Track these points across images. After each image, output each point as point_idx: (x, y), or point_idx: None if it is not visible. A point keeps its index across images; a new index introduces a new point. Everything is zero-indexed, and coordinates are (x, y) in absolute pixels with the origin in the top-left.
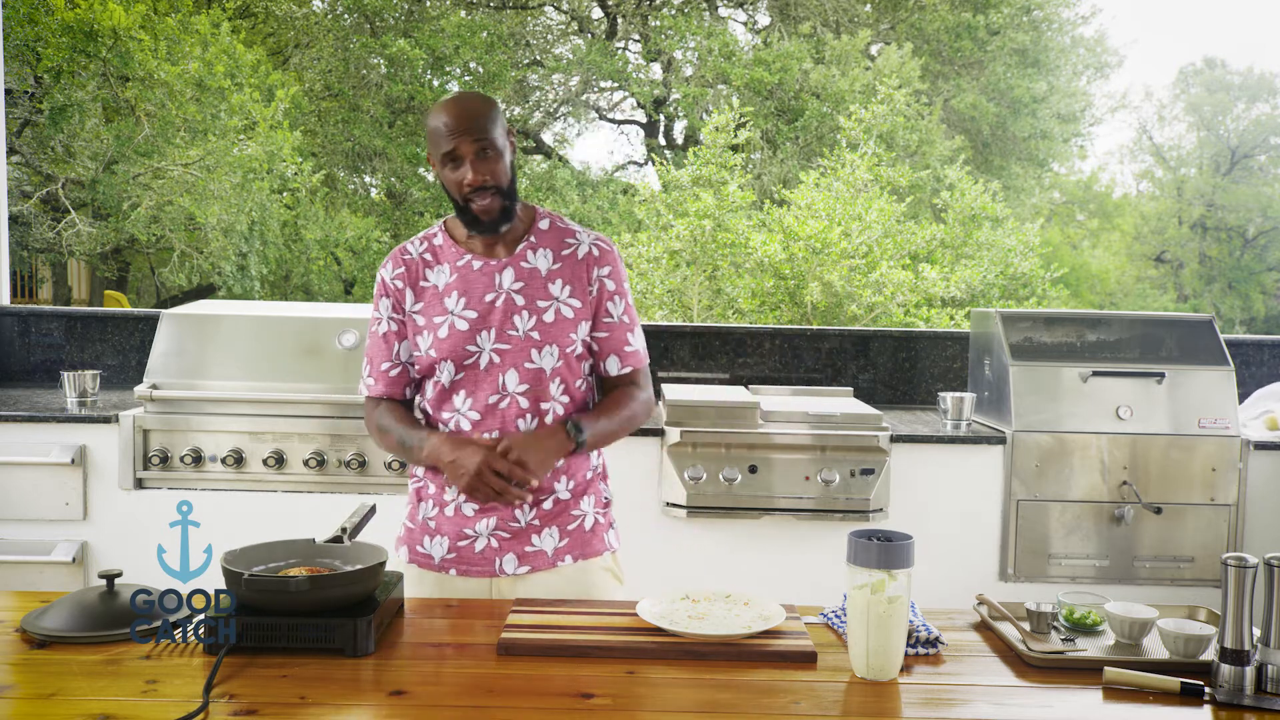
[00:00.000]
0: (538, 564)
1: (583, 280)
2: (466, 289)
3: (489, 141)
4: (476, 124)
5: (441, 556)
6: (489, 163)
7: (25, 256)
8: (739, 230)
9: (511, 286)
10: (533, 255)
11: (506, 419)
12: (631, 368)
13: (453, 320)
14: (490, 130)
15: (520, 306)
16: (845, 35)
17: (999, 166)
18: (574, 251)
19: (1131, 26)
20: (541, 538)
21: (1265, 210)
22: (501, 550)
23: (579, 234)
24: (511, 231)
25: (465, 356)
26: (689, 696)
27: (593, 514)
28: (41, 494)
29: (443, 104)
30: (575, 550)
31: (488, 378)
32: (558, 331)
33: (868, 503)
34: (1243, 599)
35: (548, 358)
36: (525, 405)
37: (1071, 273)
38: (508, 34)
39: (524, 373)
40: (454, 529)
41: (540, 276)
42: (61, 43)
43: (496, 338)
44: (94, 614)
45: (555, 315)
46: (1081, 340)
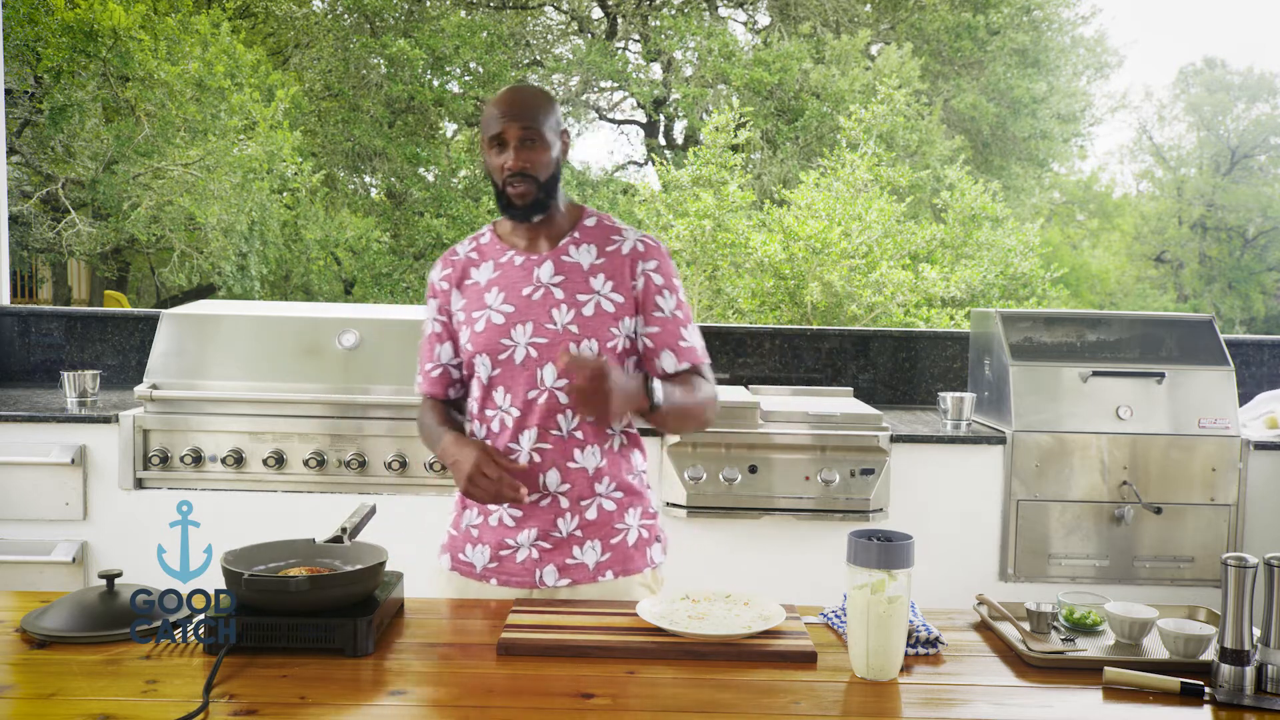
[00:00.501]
0: (578, 577)
1: (625, 275)
2: (506, 284)
3: (535, 131)
4: (526, 112)
5: (483, 565)
6: (531, 151)
7: (25, 256)
8: (739, 230)
9: (550, 280)
10: (575, 250)
11: (546, 415)
12: (689, 364)
13: (489, 314)
14: (539, 120)
15: (559, 300)
16: (845, 35)
17: (999, 166)
18: (618, 248)
19: (1131, 26)
20: (583, 550)
21: (1265, 210)
22: (542, 561)
23: (625, 231)
24: (555, 228)
25: (500, 350)
26: (689, 696)
27: (637, 528)
28: (41, 494)
29: (502, 92)
30: (617, 566)
31: (524, 372)
32: (597, 325)
33: (868, 503)
34: (1243, 599)
35: (586, 352)
36: (565, 401)
37: (1071, 273)
38: (508, 34)
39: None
40: (495, 538)
41: (581, 271)
42: (61, 43)
43: (534, 331)
44: (94, 614)
45: (595, 309)
46: (1081, 340)
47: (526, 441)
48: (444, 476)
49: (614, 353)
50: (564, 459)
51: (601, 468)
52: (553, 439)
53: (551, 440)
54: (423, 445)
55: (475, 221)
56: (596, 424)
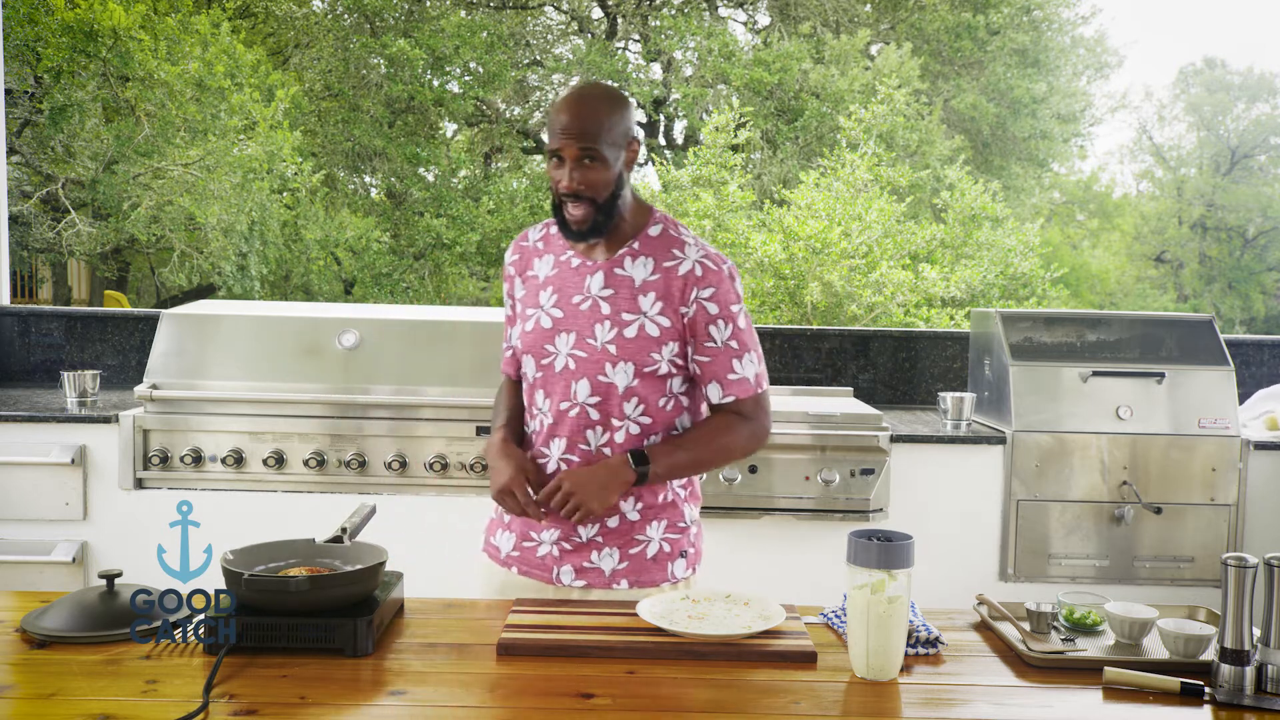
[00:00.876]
0: (594, 581)
1: (676, 299)
2: (560, 286)
3: (594, 150)
4: (588, 129)
5: (507, 552)
6: (588, 171)
7: (25, 256)
8: (739, 230)
9: (599, 293)
10: (630, 263)
11: (576, 428)
12: (734, 397)
13: (540, 316)
14: (600, 138)
15: (604, 315)
16: (845, 35)
17: (999, 166)
18: (675, 266)
19: (1131, 26)
20: (601, 556)
21: (1265, 210)
22: (560, 560)
23: (688, 247)
24: (617, 234)
25: (543, 355)
26: (689, 696)
27: (659, 541)
28: (41, 494)
29: (566, 97)
30: (632, 576)
31: (561, 381)
32: (636, 349)
33: (868, 503)
34: (1243, 599)
35: (621, 375)
36: (595, 418)
37: (1071, 273)
38: (508, 34)
39: (596, 385)
40: (522, 528)
41: (632, 287)
42: (61, 43)
43: (575, 343)
44: (94, 614)
45: (638, 331)
46: (1081, 340)
47: (555, 450)
48: (444, 476)
49: (654, 376)
50: None
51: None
52: (581, 453)
53: (580, 454)
54: (423, 444)
55: (475, 221)
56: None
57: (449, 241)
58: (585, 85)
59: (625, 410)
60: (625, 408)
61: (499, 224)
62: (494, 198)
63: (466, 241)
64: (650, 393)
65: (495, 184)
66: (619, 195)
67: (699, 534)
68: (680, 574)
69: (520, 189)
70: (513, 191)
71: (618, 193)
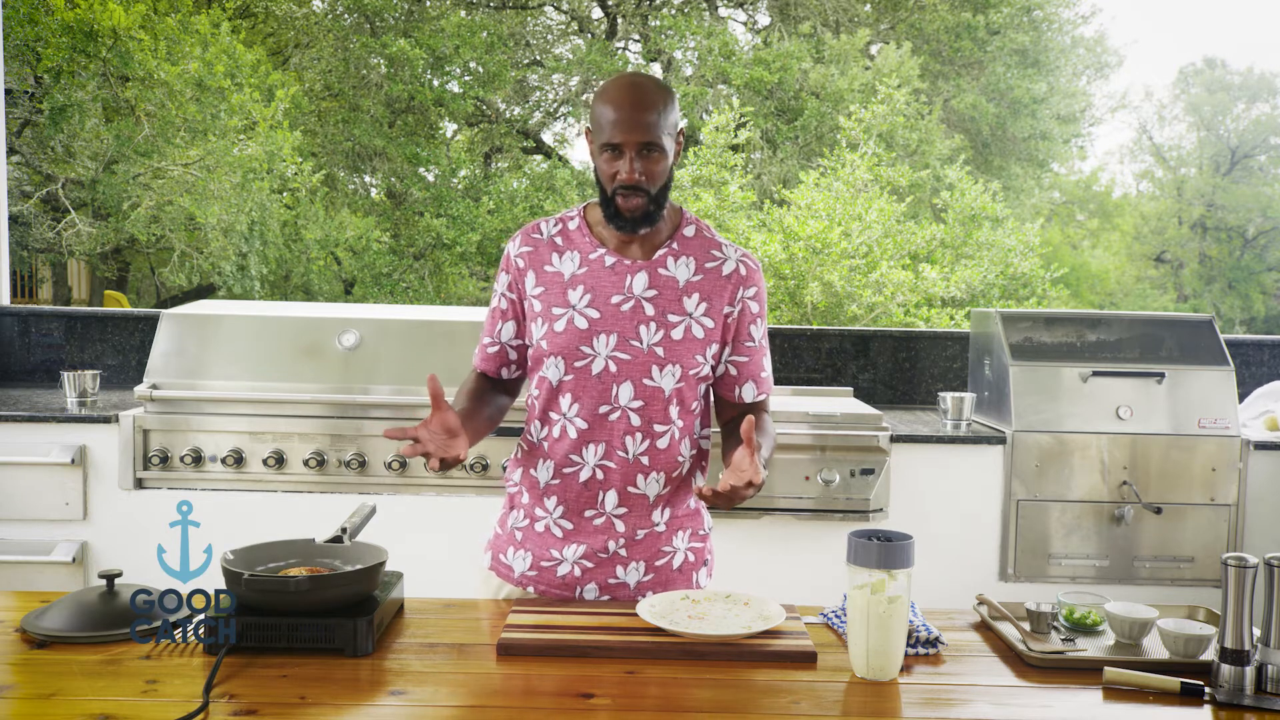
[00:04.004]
0: (618, 595)
1: (722, 299)
2: (594, 285)
3: (655, 141)
4: (646, 121)
5: (522, 572)
6: (649, 163)
7: (25, 256)
8: (739, 230)
9: (644, 293)
10: (673, 263)
11: (614, 433)
12: (765, 395)
13: (573, 315)
14: (659, 128)
15: (649, 317)
16: (845, 35)
17: (999, 167)
18: (719, 266)
19: (1131, 26)
20: (627, 570)
21: (1265, 210)
22: (584, 579)
23: (725, 248)
24: (654, 233)
25: (577, 357)
26: (689, 696)
27: (684, 551)
28: (41, 494)
29: (617, 88)
30: (658, 587)
31: (599, 385)
32: (684, 351)
33: (868, 503)
34: (1243, 599)
35: (668, 378)
36: (637, 423)
37: (1071, 273)
38: (508, 34)
39: (640, 389)
40: (540, 547)
41: (677, 287)
42: (61, 43)
43: (617, 345)
44: (94, 614)
45: (685, 333)
46: (1081, 340)
47: (591, 457)
48: (443, 476)
49: (694, 379)
50: (626, 483)
51: (663, 495)
52: (618, 459)
53: (617, 460)
54: None
55: (475, 221)
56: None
57: (449, 241)
58: (635, 76)
59: (670, 414)
60: (670, 411)
61: (499, 224)
62: (494, 198)
63: (466, 241)
64: (689, 396)
65: (495, 184)
66: (669, 186)
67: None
68: (703, 582)
69: (520, 189)
70: (513, 191)
71: (669, 184)
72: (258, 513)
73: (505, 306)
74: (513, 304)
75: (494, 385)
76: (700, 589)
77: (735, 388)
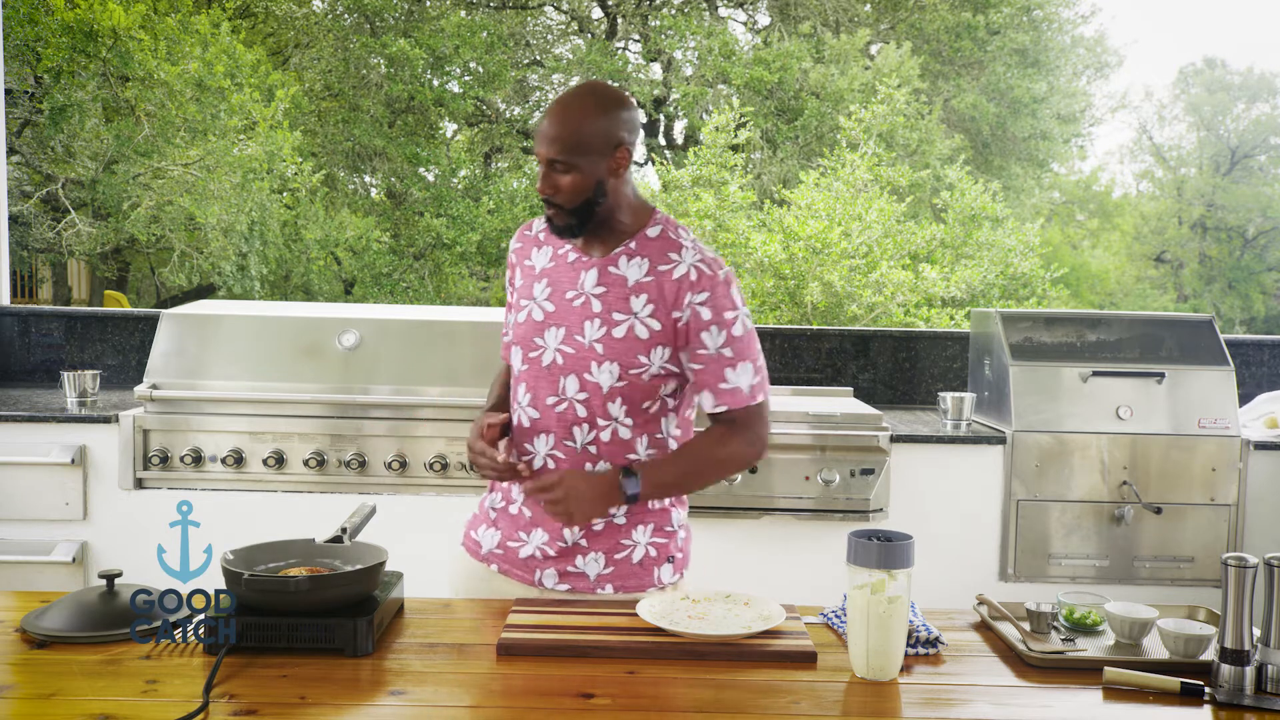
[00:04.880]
0: (578, 585)
1: (669, 303)
2: (555, 279)
3: (565, 160)
4: (558, 136)
5: (489, 549)
6: (555, 178)
7: (25, 256)
8: (739, 230)
9: (592, 290)
10: (625, 262)
11: (562, 424)
12: (726, 407)
13: (532, 308)
14: (571, 146)
15: (595, 313)
16: (845, 35)
17: (999, 166)
18: (671, 269)
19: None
20: (586, 560)
21: (1265, 210)
22: (544, 564)
23: (685, 250)
24: (614, 233)
25: (531, 348)
26: (689, 696)
27: (645, 545)
28: (41, 494)
29: (555, 101)
30: (618, 581)
31: (548, 376)
32: (624, 349)
33: (868, 503)
34: (1243, 599)
35: (606, 374)
36: (582, 415)
37: (1071, 273)
38: (508, 34)
39: (583, 383)
40: (509, 527)
41: (625, 286)
42: (61, 43)
43: (564, 339)
44: (94, 614)
45: (627, 332)
46: (1081, 340)
47: (542, 446)
48: (444, 476)
49: (640, 379)
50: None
51: None
52: (567, 449)
53: (565, 450)
54: (423, 444)
55: (475, 221)
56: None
57: (449, 241)
58: (575, 90)
59: (610, 411)
60: (610, 408)
61: (499, 224)
62: (494, 198)
63: (466, 241)
64: (636, 395)
65: (495, 184)
66: (596, 202)
67: (687, 539)
68: (667, 579)
69: (520, 189)
70: (513, 191)
71: (594, 199)
72: (258, 513)
73: (512, 300)
74: (512, 295)
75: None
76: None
77: (696, 396)
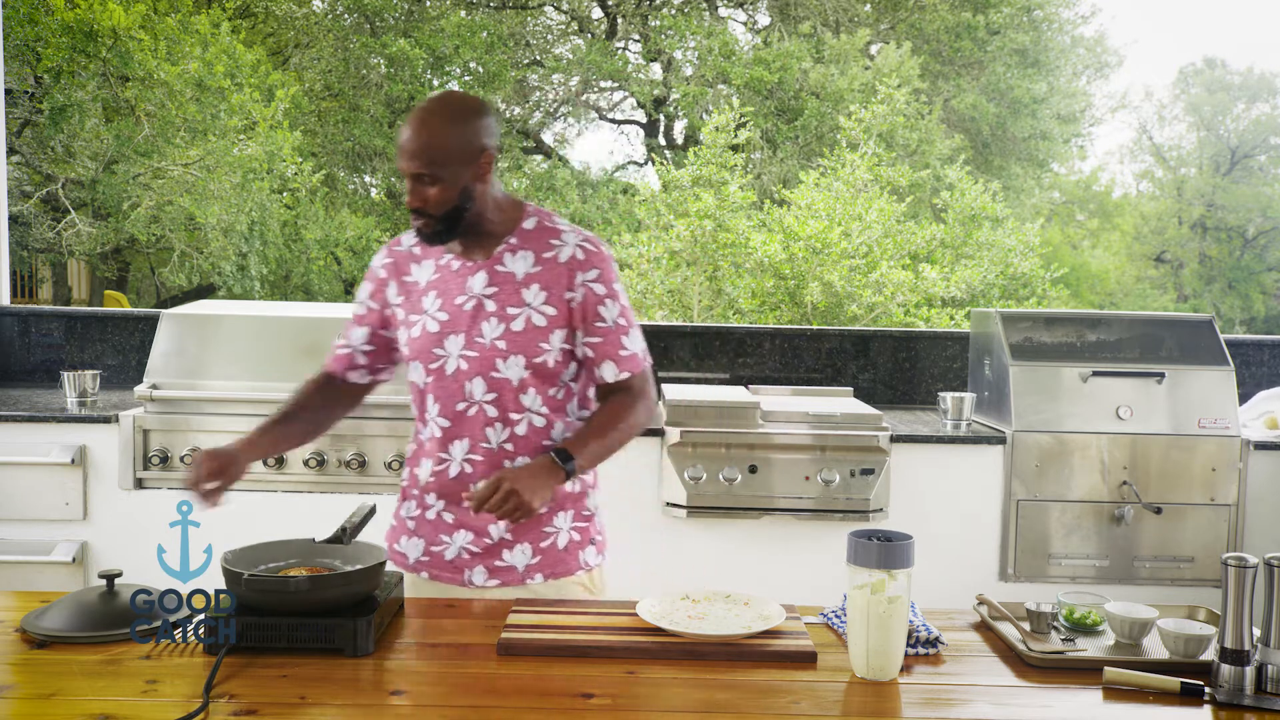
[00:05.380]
0: (508, 579)
1: (562, 285)
2: (443, 290)
3: (430, 173)
4: (423, 151)
5: (416, 558)
6: (424, 190)
7: (25, 256)
8: (739, 230)
9: (483, 291)
10: (510, 258)
11: (475, 427)
12: (628, 373)
13: (425, 321)
14: (438, 159)
15: (490, 313)
16: (845, 35)
17: (999, 166)
18: (556, 255)
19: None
20: (513, 553)
21: (1265, 210)
22: (471, 562)
23: (565, 234)
24: (490, 235)
25: (432, 359)
26: (689, 696)
27: (567, 531)
28: (41, 494)
29: (412, 115)
30: (546, 569)
31: (454, 383)
32: (525, 341)
33: (868, 503)
34: (1243, 599)
35: (513, 368)
36: (493, 414)
37: (1071, 273)
38: (508, 34)
39: (490, 382)
40: (430, 533)
41: (515, 281)
42: (61, 43)
43: (465, 344)
44: (94, 614)
45: (525, 324)
46: (1081, 340)
47: (458, 452)
48: None
49: (544, 366)
50: (495, 470)
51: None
52: (483, 451)
53: (482, 452)
54: None
55: None
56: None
57: None
58: (430, 102)
59: (524, 403)
60: (523, 400)
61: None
62: None
63: None
64: (543, 383)
65: None
66: (464, 208)
67: (603, 522)
68: (592, 561)
69: (520, 189)
70: (513, 191)
71: (463, 206)
72: (258, 513)
73: (363, 313)
74: (371, 311)
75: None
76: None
77: (595, 369)
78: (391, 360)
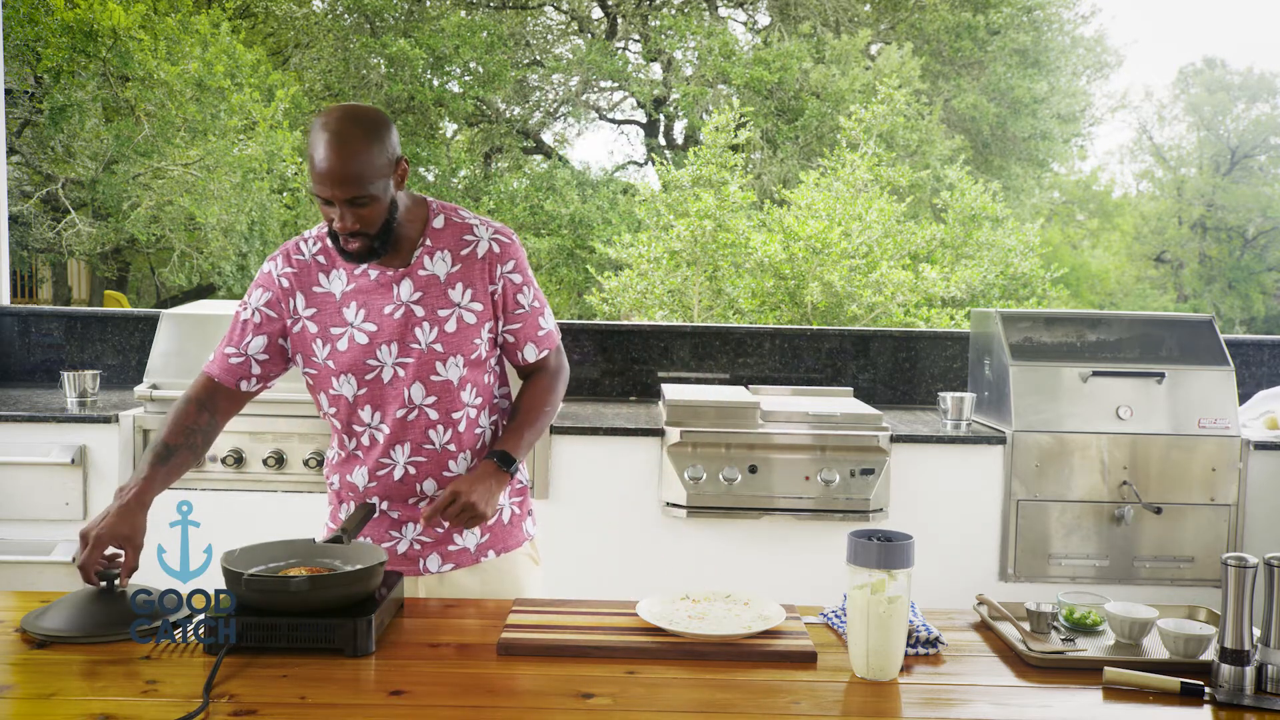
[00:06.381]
0: (461, 561)
1: (484, 280)
2: (366, 300)
3: (365, 194)
4: (350, 174)
5: None
6: (358, 213)
7: (25, 256)
8: (739, 230)
9: (410, 298)
10: (430, 261)
11: (417, 430)
12: (547, 350)
13: (352, 333)
14: (367, 178)
15: (421, 318)
16: (845, 35)
17: (999, 166)
18: (473, 250)
19: (1131, 26)
20: (464, 536)
21: (1265, 210)
22: (424, 551)
23: (476, 228)
24: (403, 240)
25: (366, 370)
26: (689, 696)
27: (510, 506)
28: (41, 494)
29: (323, 139)
30: (497, 545)
31: (393, 391)
32: (461, 340)
33: (868, 503)
34: (1243, 599)
35: (453, 369)
36: (435, 417)
37: (1071, 273)
38: (508, 34)
39: (431, 385)
40: (379, 530)
41: (439, 283)
42: (61, 43)
43: (400, 352)
44: (94, 614)
45: (457, 324)
46: (1081, 340)
47: (401, 456)
48: None
49: (479, 360)
50: (439, 469)
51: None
52: (426, 452)
53: (425, 454)
54: None
55: None
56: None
57: None
58: (339, 123)
59: (464, 399)
60: (463, 396)
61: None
62: (494, 198)
63: None
64: (477, 375)
65: (495, 184)
66: (394, 219)
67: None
68: (531, 531)
69: (520, 189)
70: (513, 191)
71: (393, 217)
72: (258, 513)
73: (259, 321)
74: (269, 320)
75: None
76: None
77: (518, 353)
78: (284, 368)
